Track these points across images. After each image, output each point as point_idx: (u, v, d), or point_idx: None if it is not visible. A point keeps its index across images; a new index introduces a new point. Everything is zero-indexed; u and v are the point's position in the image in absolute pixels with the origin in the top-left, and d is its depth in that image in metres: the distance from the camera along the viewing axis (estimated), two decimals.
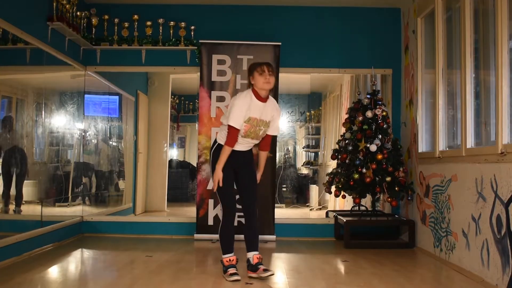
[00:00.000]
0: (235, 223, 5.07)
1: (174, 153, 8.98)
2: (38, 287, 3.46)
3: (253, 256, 3.68)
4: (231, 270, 3.60)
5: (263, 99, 3.68)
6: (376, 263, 4.33)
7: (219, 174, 3.66)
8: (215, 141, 3.83)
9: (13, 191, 4.26)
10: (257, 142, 3.81)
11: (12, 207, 4.30)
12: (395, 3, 5.74)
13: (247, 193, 3.80)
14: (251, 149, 3.88)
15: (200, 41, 5.58)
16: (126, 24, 5.71)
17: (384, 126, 5.24)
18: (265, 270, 3.60)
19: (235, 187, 3.85)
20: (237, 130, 3.62)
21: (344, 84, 7.22)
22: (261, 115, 3.68)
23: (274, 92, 5.48)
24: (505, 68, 3.36)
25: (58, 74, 5.29)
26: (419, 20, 5.10)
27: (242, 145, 3.77)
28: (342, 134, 5.65)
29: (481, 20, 3.93)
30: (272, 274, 3.63)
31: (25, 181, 4.48)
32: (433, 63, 4.69)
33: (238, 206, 3.95)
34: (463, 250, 3.94)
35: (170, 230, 5.68)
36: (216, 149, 3.76)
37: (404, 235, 5.38)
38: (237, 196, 3.87)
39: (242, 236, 3.83)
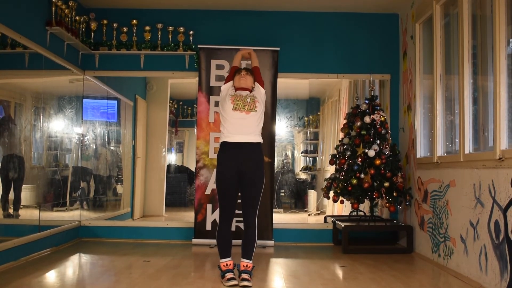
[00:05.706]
0: (233, 228, 5.12)
1: (172, 158, 8.98)
2: None
3: (240, 263, 3.67)
4: (229, 275, 3.60)
5: (246, 89, 3.90)
6: (374, 268, 4.32)
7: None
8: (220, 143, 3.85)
9: (11, 195, 4.25)
10: (249, 119, 3.75)
11: (10, 211, 4.29)
12: (393, 8, 5.76)
13: (247, 202, 3.75)
14: (255, 148, 3.76)
15: (198, 46, 5.60)
16: (125, 29, 5.71)
17: (382, 131, 5.24)
18: (243, 280, 3.53)
19: (235, 191, 3.79)
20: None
21: (343, 89, 7.23)
22: (246, 96, 3.85)
23: (273, 96, 5.52)
24: (503, 74, 3.37)
25: (57, 79, 5.29)
26: (417, 25, 5.12)
27: (239, 130, 3.73)
28: (340, 139, 5.65)
29: (479, 26, 3.94)
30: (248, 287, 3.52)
31: (23, 186, 4.47)
32: (431, 69, 4.71)
33: (238, 211, 3.91)
34: (461, 256, 3.94)
35: (168, 235, 5.68)
36: (219, 150, 3.83)
37: (402, 240, 5.37)
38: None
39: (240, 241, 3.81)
